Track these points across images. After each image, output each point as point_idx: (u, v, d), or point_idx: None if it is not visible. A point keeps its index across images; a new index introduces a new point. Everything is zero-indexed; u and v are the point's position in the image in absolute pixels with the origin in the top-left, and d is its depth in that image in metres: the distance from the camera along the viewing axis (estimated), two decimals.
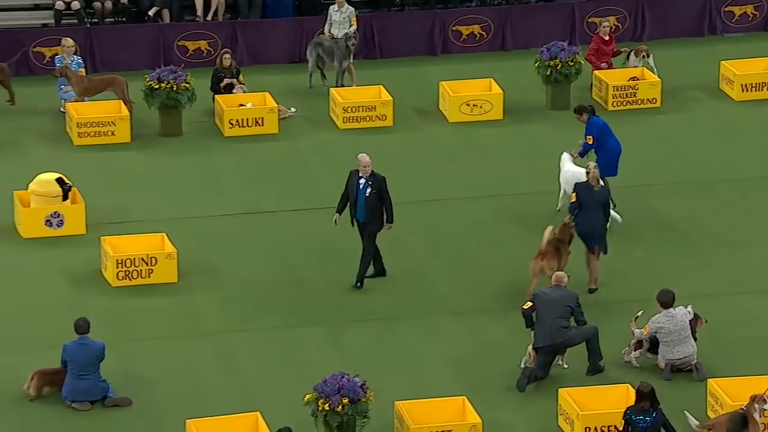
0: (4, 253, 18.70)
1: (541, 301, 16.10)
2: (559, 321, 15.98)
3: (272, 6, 25.29)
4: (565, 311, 16.06)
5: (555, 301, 16.06)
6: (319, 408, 14.77)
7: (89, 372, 15.66)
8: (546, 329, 15.95)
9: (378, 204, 17.60)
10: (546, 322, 15.96)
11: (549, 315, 15.98)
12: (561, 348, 16.12)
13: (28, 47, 23.79)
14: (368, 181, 17.59)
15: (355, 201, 17.63)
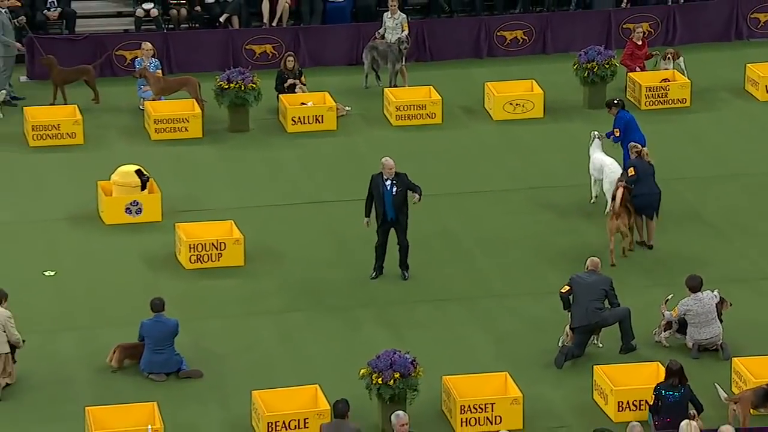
0: (88, 238, 18.84)
1: (577, 284, 16.04)
2: (595, 303, 15.91)
3: (332, 13, 25.32)
4: (600, 294, 15.99)
5: (591, 285, 15.99)
6: (373, 382, 14.78)
7: (164, 347, 15.76)
8: (582, 310, 15.89)
9: (403, 200, 17.44)
10: (582, 304, 15.90)
11: (585, 297, 15.92)
12: (596, 328, 16.05)
13: (111, 51, 23.94)
14: (393, 181, 17.44)
15: (382, 201, 17.43)
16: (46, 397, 15.44)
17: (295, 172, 20.84)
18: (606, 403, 15.17)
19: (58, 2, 24.69)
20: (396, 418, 13.73)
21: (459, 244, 18.73)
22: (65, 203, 19.68)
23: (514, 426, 14.67)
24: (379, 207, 17.51)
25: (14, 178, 20.54)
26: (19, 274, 17.69)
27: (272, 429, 14.63)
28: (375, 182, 17.58)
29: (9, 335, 15.48)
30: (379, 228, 17.62)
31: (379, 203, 17.50)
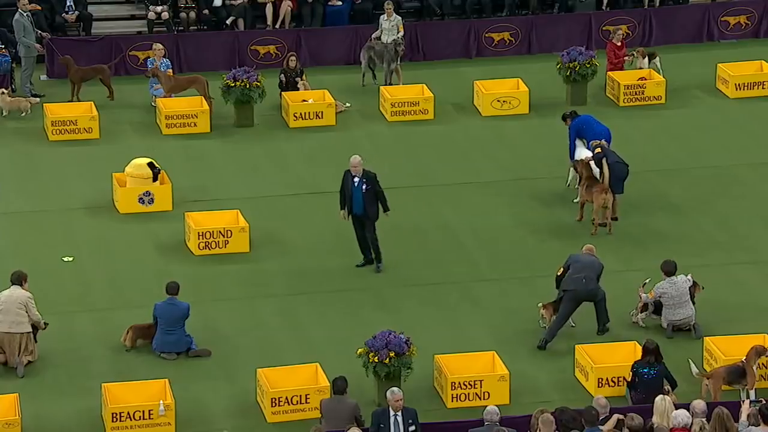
0: (103, 226, 18.80)
1: (575, 261, 15.96)
2: (591, 275, 15.83)
3: (331, 16, 25.28)
4: (595, 272, 15.92)
5: (588, 263, 15.95)
6: (370, 360, 14.76)
7: (176, 328, 15.73)
8: (578, 277, 15.72)
9: (373, 197, 17.29)
10: (578, 273, 15.75)
11: (582, 269, 15.82)
12: (585, 298, 15.85)
13: (125, 51, 23.87)
14: (362, 179, 17.32)
15: (351, 196, 17.31)
16: (65, 374, 15.43)
17: (297, 165, 20.81)
18: (587, 379, 15.16)
19: (76, 5, 24.62)
20: (391, 394, 13.72)
21: (451, 232, 18.71)
22: (82, 193, 19.64)
23: (501, 401, 14.66)
24: (348, 202, 17.36)
25: (35, 170, 20.50)
26: (40, 259, 17.66)
27: (276, 404, 14.62)
28: (346, 178, 17.44)
29: (30, 315, 15.46)
30: (356, 222, 17.49)
31: (348, 198, 17.35)
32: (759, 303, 16.80)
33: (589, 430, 13.08)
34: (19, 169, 20.49)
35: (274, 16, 25.11)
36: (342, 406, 13.96)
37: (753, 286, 17.28)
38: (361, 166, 17.35)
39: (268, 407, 14.65)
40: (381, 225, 18.43)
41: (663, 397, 13.63)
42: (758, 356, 14.73)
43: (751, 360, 14.65)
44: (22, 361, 15.41)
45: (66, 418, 14.67)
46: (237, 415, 14.74)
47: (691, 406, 13.44)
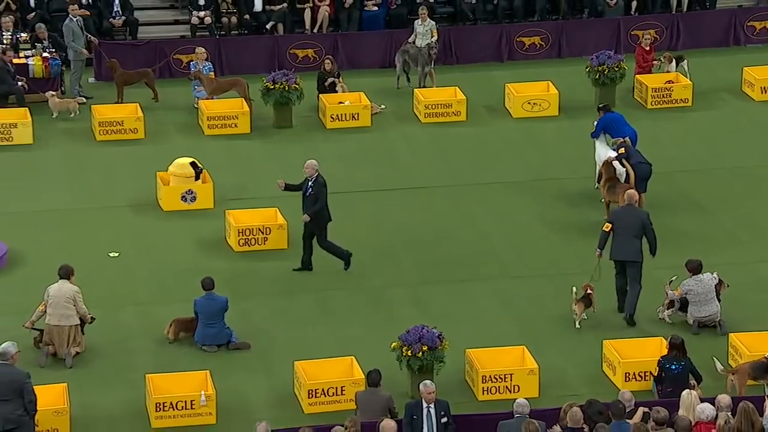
0: (148, 223, 18.89)
1: (618, 219, 15.95)
2: (633, 243, 15.76)
3: (367, 20, 25.29)
4: (639, 229, 15.90)
5: (630, 220, 15.89)
6: (403, 354, 14.76)
7: (216, 321, 15.78)
8: (621, 245, 15.77)
9: (314, 204, 17.09)
10: (621, 239, 15.80)
11: (625, 231, 15.80)
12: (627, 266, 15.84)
13: (169, 55, 23.97)
14: (311, 184, 17.18)
15: (303, 198, 17.21)
16: (111, 365, 15.51)
17: (334, 164, 20.80)
18: (614, 374, 15.10)
19: (123, 11, 24.74)
20: (424, 387, 13.70)
21: (481, 230, 18.67)
22: (128, 192, 19.74)
23: (531, 394, 14.61)
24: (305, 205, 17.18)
25: (83, 168, 20.63)
26: (87, 254, 17.77)
27: (312, 396, 14.64)
28: (304, 183, 17.28)
29: (78, 309, 15.55)
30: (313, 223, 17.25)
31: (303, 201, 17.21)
32: None
33: (617, 423, 13.02)
34: (67, 167, 20.62)
35: (312, 20, 25.14)
36: (376, 398, 13.96)
37: None
38: (314, 170, 17.12)
39: (305, 399, 14.68)
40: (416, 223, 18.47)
41: (689, 392, 13.56)
42: None
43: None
44: (70, 352, 15.51)
45: (112, 407, 14.76)
46: (275, 406, 14.77)
47: (716, 400, 13.36)
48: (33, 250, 17.94)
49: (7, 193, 19.69)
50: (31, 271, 17.34)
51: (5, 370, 13.53)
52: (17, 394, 13.40)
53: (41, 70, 22.62)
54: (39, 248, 17.96)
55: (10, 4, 24.02)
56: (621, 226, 16.00)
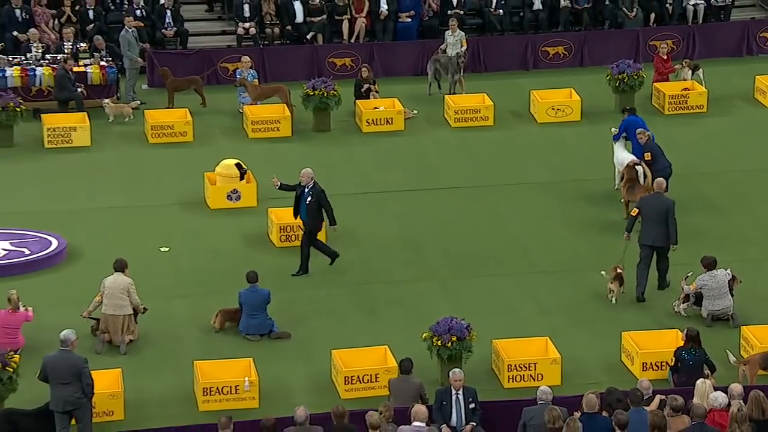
0: (195, 220, 18.95)
1: (645, 205, 16.11)
2: (661, 228, 15.95)
3: (401, 31, 25.28)
4: (665, 216, 16.05)
5: (657, 207, 16.07)
6: (434, 343, 14.74)
7: (259, 312, 15.81)
8: (651, 230, 15.99)
9: (317, 210, 16.97)
10: (650, 224, 16.02)
11: (654, 217, 15.98)
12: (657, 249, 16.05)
13: (216, 63, 24.04)
14: (309, 191, 17.09)
15: (298, 204, 17.10)
16: (162, 352, 15.58)
17: (369, 166, 20.83)
18: (632, 364, 15.01)
19: (174, 22, 24.84)
20: (453, 375, 13.68)
21: (508, 228, 18.61)
22: (177, 191, 19.82)
23: (554, 382, 14.56)
24: (295, 207, 17.07)
25: (136, 169, 20.72)
26: (140, 249, 17.84)
27: (349, 382, 14.64)
28: (298, 187, 17.19)
29: (131, 299, 15.63)
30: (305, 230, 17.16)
31: (297, 206, 17.10)
32: None
33: (635, 409, 12.95)
34: (122, 168, 20.73)
35: (349, 31, 25.15)
36: (408, 384, 13.94)
37: None
38: (310, 178, 17.04)
39: (341, 385, 14.68)
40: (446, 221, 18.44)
41: (703, 381, 13.47)
42: None
43: None
44: (124, 340, 15.59)
45: (162, 391, 14.82)
46: (313, 391, 14.78)
47: (729, 389, 13.25)
48: (90, 244, 18.05)
49: (67, 192, 19.82)
50: (88, 264, 17.44)
51: (65, 356, 13.62)
52: (76, 378, 13.49)
53: (99, 78, 22.75)
54: (96, 243, 18.06)
55: (71, 17, 24.18)
56: (648, 212, 16.20)
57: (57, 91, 22.32)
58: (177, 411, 14.40)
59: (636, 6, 25.59)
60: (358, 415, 13.11)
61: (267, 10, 25.01)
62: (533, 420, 13.08)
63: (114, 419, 14.21)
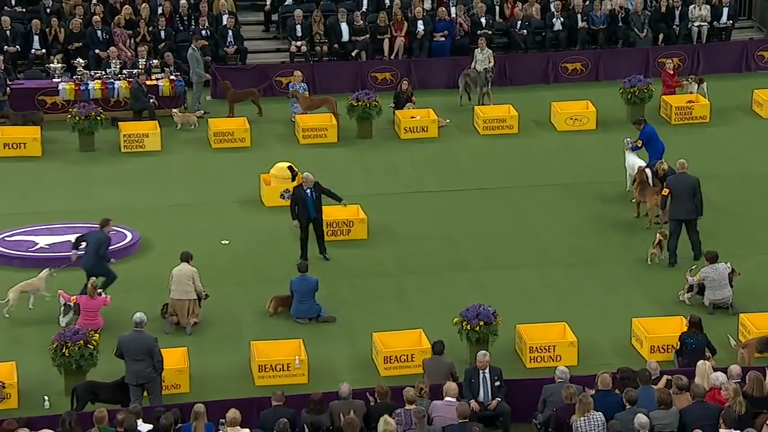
0: (253, 217, 19.00)
1: (674, 184, 16.36)
2: (689, 203, 16.23)
3: (435, 49, 25.21)
4: (692, 192, 16.30)
5: (685, 184, 16.28)
6: (463, 327, 14.70)
7: (308, 298, 15.82)
8: (681, 206, 16.23)
9: (320, 202, 17.02)
10: (680, 201, 16.25)
11: (682, 194, 16.23)
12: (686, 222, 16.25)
13: (272, 77, 24.09)
14: (313, 191, 17.08)
15: (305, 204, 16.96)
16: (222, 334, 15.64)
17: (407, 169, 20.79)
18: (641, 347, 14.90)
19: (235, 41, 24.93)
20: (479, 356, 13.63)
21: (530, 225, 18.52)
22: (237, 190, 19.87)
23: (571, 363, 14.45)
24: (303, 210, 16.96)
25: (200, 171, 20.80)
26: (204, 242, 17.91)
27: (387, 361, 14.63)
28: (297, 192, 17.12)
29: (195, 286, 15.70)
30: (303, 226, 17.04)
31: (302, 207, 16.98)
32: None
33: (644, 387, 12.85)
34: (188, 170, 20.82)
35: (390, 49, 25.11)
36: (440, 364, 13.91)
37: None
38: (311, 181, 17.06)
39: (381, 364, 14.67)
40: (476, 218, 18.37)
41: (704, 362, 13.36)
42: None
43: None
44: (189, 322, 15.66)
45: (223, 367, 14.87)
46: (356, 369, 14.78)
47: (728, 370, 13.12)
48: (160, 237, 18.14)
49: (139, 191, 19.94)
50: (159, 255, 17.53)
51: (138, 335, 13.71)
52: (148, 356, 13.57)
53: (168, 90, 22.86)
54: (165, 236, 18.15)
55: (145, 36, 24.35)
56: (677, 189, 16.52)
57: (132, 102, 22.48)
58: (236, 386, 14.44)
59: (646, 27, 25.37)
60: (396, 390, 13.09)
61: (317, 30, 25.04)
62: (552, 396, 13.01)
63: (181, 392, 14.28)
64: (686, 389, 12.79)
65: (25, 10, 25.04)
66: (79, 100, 22.26)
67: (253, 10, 26.45)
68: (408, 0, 25.52)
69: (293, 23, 25.03)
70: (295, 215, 17.14)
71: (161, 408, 12.75)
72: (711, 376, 12.96)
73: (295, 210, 17.14)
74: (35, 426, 12.42)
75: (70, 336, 14.22)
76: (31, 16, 24.69)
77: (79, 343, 14.12)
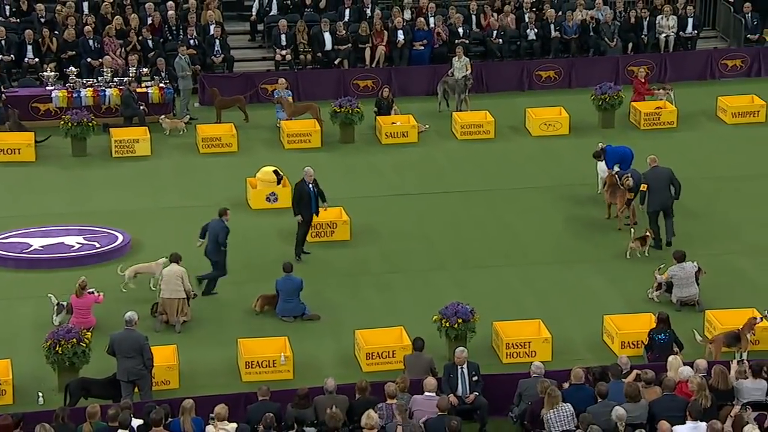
0: (239, 219, 18.86)
1: (652, 178, 16.71)
2: (666, 192, 16.63)
3: (415, 57, 25.21)
4: (668, 182, 16.68)
5: (660, 177, 16.67)
6: (442, 325, 14.71)
7: (293, 297, 15.80)
8: (658, 197, 16.59)
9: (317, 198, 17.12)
10: (656, 193, 16.60)
11: (659, 186, 16.63)
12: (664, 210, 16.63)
13: (257, 85, 24.04)
14: (315, 186, 17.10)
15: (309, 200, 16.97)
16: (210, 331, 15.59)
17: (388, 173, 20.79)
18: (612, 343, 14.94)
19: (222, 50, 24.86)
20: (457, 352, 13.64)
21: (507, 225, 18.54)
22: (224, 193, 19.79)
23: (545, 358, 14.49)
24: (306, 206, 16.93)
25: (189, 175, 20.73)
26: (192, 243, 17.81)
27: (370, 358, 14.62)
28: (300, 187, 17.11)
29: (184, 285, 15.64)
30: (305, 222, 17.02)
31: (306, 202, 16.96)
32: (749, 284, 16.44)
33: (614, 381, 12.89)
34: (177, 174, 20.75)
35: (371, 57, 25.11)
36: (420, 360, 13.91)
37: (745, 270, 16.91)
38: (311, 176, 17.12)
39: (363, 360, 14.66)
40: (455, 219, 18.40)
41: (675, 357, 13.43)
42: (751, 327, 14.42)
43: (746, 329, 14.36)
44: (179, 320, 15.61)
45: (211, 364, 14.83)
46: (339, 365, 14.76)
47: (694, 364, 13.19)
48: (150, 239, 18.07)
49: (130, 194, 19.85)
50: (149, 256, 17.45)
51: (129, 333, 13.65)
52: (138, 353, 13.52)
53: (158, 97, 22.79)
54: (155, 238, 18.08)
55: (136, 46, 24.26)
56: (654, 183, 16.81)
57: (123, 108, 22.39)
58: (223, 381, 14.40)
59: (616, 37, 25.47)
60: (378, 385, 13.08)
61: (301, 39, 25.01)
62: (527, 390, 13.04)
63: (170, 388, 14.22)
64: (653, 383, 12.83)
65: (18, 20, 24.94)
66: (72, 107, 22.17)
67: (239, 20, 26.40)
68: (388, 11, 25.53)
69: (278, 33, 25.00)
70: (298, 211, 17.08)
71: (151, 403, 12.69)
72: (680, 370, 13.02)
73: (297, 205, 17.08)
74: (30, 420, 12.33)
75: (63, 334, 14.15)
76: (24, 26, 24.58)
77: (72, 341, 14.06)
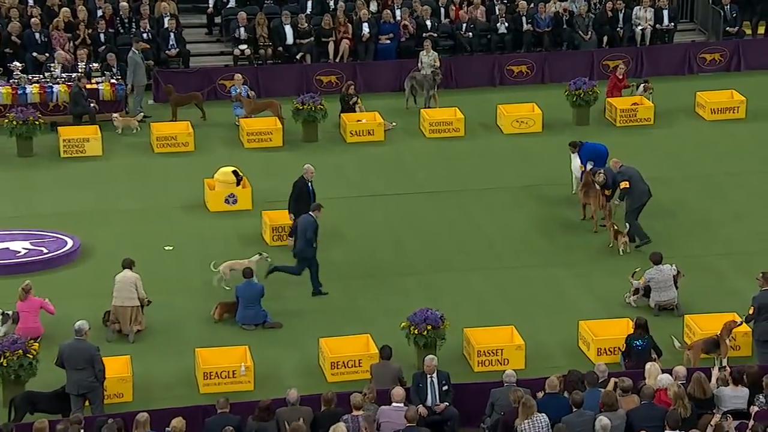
0: (196, 222, 18.84)
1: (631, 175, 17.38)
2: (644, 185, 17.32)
3: (381, 52, 25.20)
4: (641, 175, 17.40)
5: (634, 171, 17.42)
6: (411, 332, 14.69)
7: (254, 304, 15.73)
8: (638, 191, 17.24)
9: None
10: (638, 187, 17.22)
11: (638, 180, 17.25)
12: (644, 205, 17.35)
13: (215, 81, 23.92)
14: (311, 184, 17.24)
15: (307, 197, 17.04)
16: (166, 341, 15.48)
17: (353, 173, 20.77)
18: (588, 349, 15.00)
19: (177, 44, 24.71)
20: (427, 360, 13.63)
21: (478, 227, 18.58)
22: (180, 195, 19.70)
23: (518, 366, 14.52)
24: (304, 205, 16.94)
25: (143, 176, 20.60)
26: (146, 248, 17.73)
27: (335, 367, 14.58)
28: (300, 186, 17.21)
29: (138, 293, 15.52)
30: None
31: (304, 200, 17.01)
32: (730, 287, 16.56)
33: (591, 390, 12.93)
34: (130, 175, 20.61)
35: (335, 51, 25.07)
36: (388, 369, 13.88)
37: (725, 273, 17.04)
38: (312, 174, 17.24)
39: (328, 370, 14.62)
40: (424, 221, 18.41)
41: (653, 364, 13.50)
42: (730, 331, 14.54)
43: (725, 334, 14.46)
44: (132, 329, 15.49)
45: (167, 375, 14.73)
46: (303, 375, 14.72)
47: (673, 371, 13.26)
48: (102, 244, 17.93)
49: (81, 196, 19.69)
50: (100, 261, 17.33)
51: (79, 344, 13.51)
52: (89, 364, 13.39)
53: (109, 94, 22.62)
54: (106, 242, 17.94)
55: (85, 39, 24.05)
56: (634, 179, 17.31)
57: (72, 106, 22.18)
58: (180, 393, 14.31)
59: (591, 30, 25.60)
60: (344, 396, 13.04)
61: (260, 33, 24.92)
62: (500, 400, 13.06)
63: (123, 401, 14.11)
64: (630, 391, 12.89)
65: None
66: (17, 104, 21.92)
67: (195, 13, 26.25)
68: (353, 3, 25.50)
69: (237, 26, 24.89)
70: (294, 209, 17.11)
71: (103, 417, 12.57)
72: (658, 378, 13.09)
73: (294, 204, 17.10)
74: None
75: (8, 345, 13.98)
76: None
77: (18, 353, 13.89)
